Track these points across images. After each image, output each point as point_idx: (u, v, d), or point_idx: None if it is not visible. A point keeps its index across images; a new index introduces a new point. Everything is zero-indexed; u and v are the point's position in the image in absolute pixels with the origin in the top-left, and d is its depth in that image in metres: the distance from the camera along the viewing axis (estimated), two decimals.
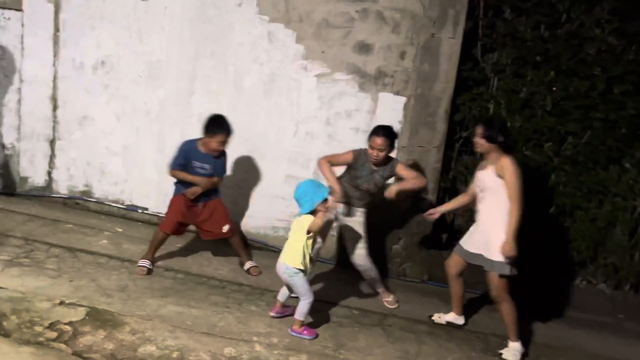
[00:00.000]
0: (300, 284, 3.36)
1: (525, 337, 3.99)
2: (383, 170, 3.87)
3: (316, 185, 3.41)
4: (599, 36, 4.55)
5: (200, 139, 3.92)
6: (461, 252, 3.71)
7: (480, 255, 3.56)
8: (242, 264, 4.20)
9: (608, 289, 4.85)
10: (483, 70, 4.80)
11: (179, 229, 4.00)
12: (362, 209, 3.96)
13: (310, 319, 3.50)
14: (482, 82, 4.80)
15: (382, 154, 3.76)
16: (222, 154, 4.00)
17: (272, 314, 3.54)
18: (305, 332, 3.38)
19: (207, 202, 4.00)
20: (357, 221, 3.95)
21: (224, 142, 3.88)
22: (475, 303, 4.31)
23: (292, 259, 3.35)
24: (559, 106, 4.62)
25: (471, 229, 3.74)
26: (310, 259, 3.41)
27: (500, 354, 3.59)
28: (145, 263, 3.88)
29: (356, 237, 3.95)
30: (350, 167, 3.90)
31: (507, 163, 3.44)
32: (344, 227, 4.00)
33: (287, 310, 3.53)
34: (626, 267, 4.77)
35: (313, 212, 3.33)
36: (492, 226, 3.50)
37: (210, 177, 3.94)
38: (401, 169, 3.89)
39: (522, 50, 4.62)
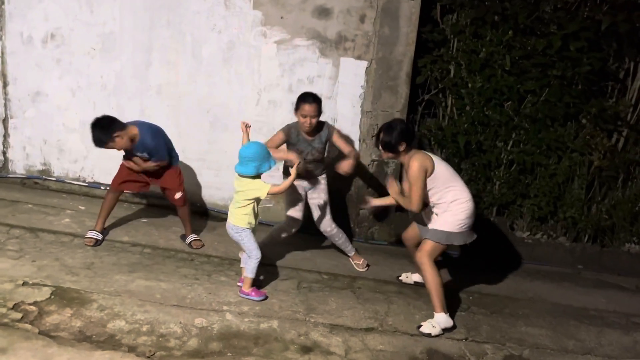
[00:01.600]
0: (247, 241, 3.40)
1: (489, 291, 4.14)
2: (320, 137, 3.86)
3: (267, 153, 3.33)
4: None
5: None
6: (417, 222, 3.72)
7: (423, 228, 3.57)
8: (184, 237, 4.14)
9: (567, 241, 5.04)
10: (443, 31, 4.81)
11: (131, 186, 3.96)
12: (322, 175, 3.99)
13: (260, 278, 3.57)
14: (442, 43, 4.81)
15: (314, 121, 3.71)
16: (141, 138, 3.74)
17: (239, 284, 3.56)
18: (253, 293, 3.43)
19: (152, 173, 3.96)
20: (319, 188, 3.98)
21: (114, 147, 3.68)
22: (443, 262, 4.42)
23: (240, 220, 3.38)
24: (517, 65, 4.68)
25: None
26: (256, 216, 3.42)
27: (420, 325, 3.42)
28: (92, 234, 3.84)
29: (321, 204, 3.98)
30: (289, 144, 3.86)
31: (408, 161, 3.40)
32: (308, 195, 4.02)
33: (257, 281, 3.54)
34: (584, 220, 4.95)
35: (255, 177, 3.30)
36: (439, 209, 3.47)
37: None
38: (337, 139, 3.86)
39: (481, 10, 4.63)
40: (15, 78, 4.61)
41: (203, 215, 4.75)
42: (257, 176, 3.32)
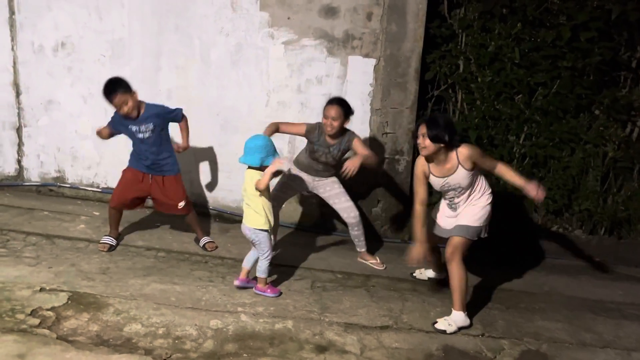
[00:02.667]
0: (264, 242, 3.40)
1: (504, 286, 4.11)
2: (339, 144, 3.87)
3: (273, 147, 3.34)
4: None
5: None
6: (436, 229, 3.65)
7: (448, 230, 3.51)
8: (197, 240, 4.13)
9: (583, 234, 4.98)
10: (451, 26, 4.78)
11: (130, 203, 3.88)
12: (329, 179, 4.04)
13: (273, 277, 3.58)
14: (450, 38, 4.79)
15: (335, 124, 3.73)
16: (147, 110, 3.74)
17: (236, 282, 3.53)
18: (268, 290, 3.45)
19: (155, 177, 3.85)
20: (330, 181, 4.01)
21: (119, 105, 3.62)
22: None
23: (256, 221, 3.38)
24: (527, 58, 4.64)
25: (445, 210, 3.58)
26: (270, 214, 3.41)
27: (436, 321, 3.38)
28: (107, 239, 3.86)
29: (336, 192, 4.01)
30: (308, 141, 3.90)
31: (469, 152, 3.30)
32: (320, 192, 4.03)
33: (253, 282, 3.52)
34: (600, 212, 4.89)
35: (259, 168, 3.31)
36: (474, 204, 3.44)
37: (151, 140, 3.76)
38: (357, 144, 3.86)
39: (488, 3, 4.60)
40: (28, 87, 4.68)
41: (216, 218, 4.77)
42: (261, 169, 3.31)
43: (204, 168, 4.75)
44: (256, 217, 3.39)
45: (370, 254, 4.23)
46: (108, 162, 4.77)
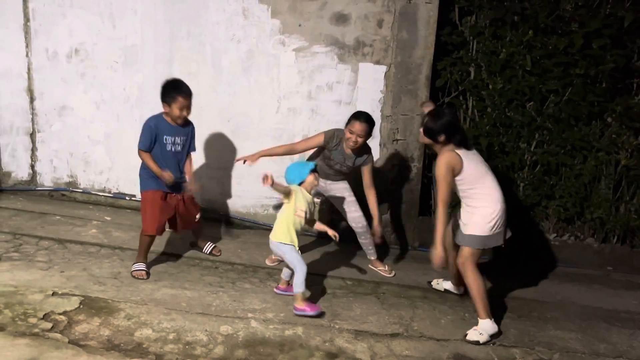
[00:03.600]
0: (290, 256, 3.38)
1: (516, 295, 4.08)
2: (357, 160, 3.89)
3: (303, 163, 3.53)
4: None
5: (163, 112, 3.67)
6: (453, 223, 3.63)
7: (458, 232, 3.50)
8: (198, 246, 4.07)
9: (596, 242, 4.93)
10: (462, 33, 4.78)
11: (163, 226, 3.70)
12: (340, 183, 4.04)
13: (308, 293, 3.51)
14: (461, 45, 4.78)
15: (360, 140, 3.74)
16: (188, 124, 3.72)
17: (275, 291, 3.60)
18: (307, 308, 3.36)
19: (181, 194, 3.72)
20: (342, 187, 4.01)
21: (184, 107, 3.57)
22: None
23: (279, 235, 3.40)
24: (538, 65, 4.62)
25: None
26: (296, 231, 3.41)
27: (466, 334, 3.35)
28: (142, 266, 3.66)
29: (347, 201, 4.00)
30: (323, 148, 3.90)
31: (437, 160, 3.33)
32: (332, 196, 4.04)
33: (291, 289, 3.50)
34: (612, 221, 4.84)
35: (302, 184, 3.43)
36: (471, 211, 3.40)
37: (180, 154, 3.71)
38: (367, 171, 3.91)
39: (500, 11, 4.59)
40: (42, 93, 4.73)
41: (226, 224, 4.78)
42: (302, 183, 3.43)
43: (214, 174, 4.77)
44: (277, 230, 3.41)
45: (380, 261, 4.22)
46: (120, 168, 4.81)
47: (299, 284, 3.36)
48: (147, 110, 4.67)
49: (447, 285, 3.98)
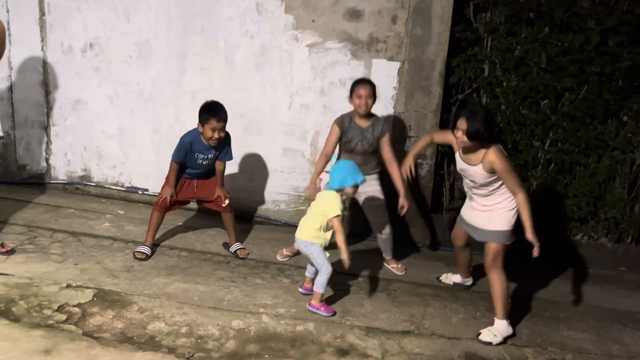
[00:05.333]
0: (317, 255, 3.35)
1: (528, 294, 4.05)
2: (372, 128, 3.85)
3: (354, 168, 3.39)
4: None
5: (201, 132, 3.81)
6: (462, 223, 3.63)
7: (477, 229, 3.45)
8: (227, 245, 4.10)
9: (609, 242, 4.89)
10: (476, 30, 4.74)
11: (173, 206, 3.93)
12: (374, 175, 3.94)
13: (330, 292, 3.49)
14: (475, 42, 4.75)
15: (370, 102, 3.76)
16: (225, 142, 3.85)
17: (300, 290, 3.56)
18: (322, 308, 3.36)
19: (203, 181, 3.97)
20: (373, 190, 3.94)
21: (216, 129, 3.68)
22: (479, 264, 4.34)
23: (308, 234, 3.36)
24: (554, 62, 4.57)
25: (466, 206, 3.59)
26: (327, 232, 3.38)
27: (479, 333, 3.33)
28: (144, 249, 3.80)
29: (376, 204, 3.94)
30: (342, 134, 3.87)
31: (493, 159, 3.18)
32: (362, 197, 3.97)
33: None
34: (626, 220, 4.79)
35: (340, 191, 3.35)
36: (491, 208, 3.36)
37: (211, 165, 3.90)
38: (386, 143, 3.88)
39: (515, 7, 4.55)
40: (57, 87, 4.77)
41: (238, 219, 4.78)
42: (340, 190, 3.34)
43: (226, 169, 4.77)
44: (307, 230, 3.37)
45: (395, 259, 4.18)
46: (133, 162, 4.83)
47: (321, 285, 3.35)
48: (159, 105, 4.73)
49: (456, 278, 3.98)
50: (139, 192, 4.88)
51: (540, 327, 3.60)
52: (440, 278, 4.05)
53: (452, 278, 4.01)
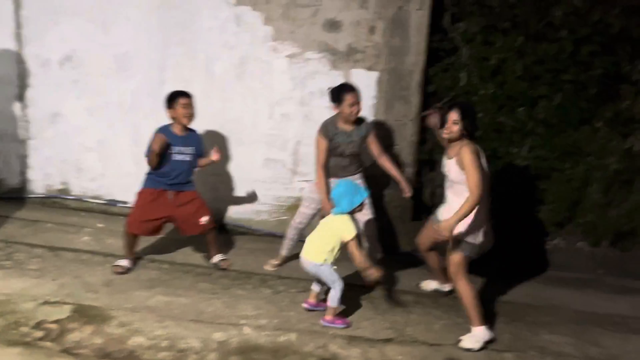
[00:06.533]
0: (328, 273, 3.35)
1: (508, 299, 4.09)
2: (357, 130, 3.89)
3: (355, 186, 3.42)
4: None
5: (171, 124, 3.78)
6: (435, 222, 3.64)
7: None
8: (209, 258, 4.03)
9: (587, 246, 4.96)
10: (453, 40, 4.81)
11: (150, 226, 3.72)
12: (357, 175, 3.97)
13: (342, 308, 3.47)
14: (452, 52, 4.81)
15: (361, 107, 3.79)
16: (195, 134, 3.86)
17: (304, 305, 3.52)
18: (337, 322, 3.36)
19: (178, 193, 3.79)
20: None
21: (187, 105, 3.70)
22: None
23: (316, 256, 3.36)
24: (529, 71, 4.66)
25: (441, 208, 3.64)
26: (335, 253, 3.39)
27: (460, 340, 3.34)
28: (123, 262, 3.74)
29: (367, 219, 3.94)
30: (328, 141, 3.86)
31: (466, 154, 3.24)
32: None
33: (322, 305, 3.47)
34: (603, 225, 4.88)
35: (350, 213, 3.36)
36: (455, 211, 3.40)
37: (190, 164, 3.82)
38: (373, 141, 3.93)
39: (491, 17, 4.63)
40: (34, 100, 4.72)
41: (219, 230, 4.77)
42: (352, 212, 3.37)
43: (207, 180, 4.77)
44: (317, 252, 3.35)
45: (377, 267, 4.17)
46: (112, 174, 4.80)
47: (335, 299, 3.36)
48: (140, 117, 4.70)
49: (434, 285, 4.01)
50: (119, 204, 4.83)
51: (521, 331, 3.64)
52: (420, 285, 4.08)
53: (431, 285, 4.04)
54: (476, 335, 3.35)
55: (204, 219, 3.85)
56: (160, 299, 3.43)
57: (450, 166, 3.41)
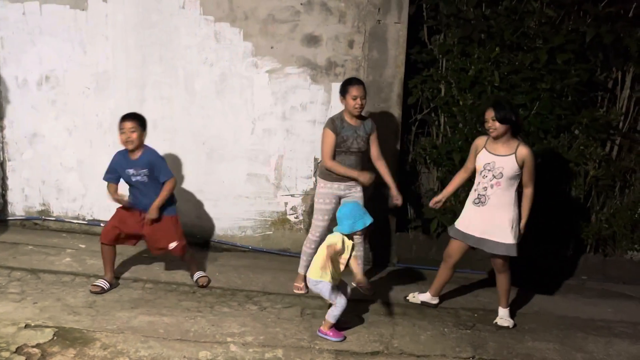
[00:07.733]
0: (325, 292, 3.35)
1: (492, 307, 4.10)
2: (363, 125, 3.93)
3: (362, 211, 3.41)
4: (538, 9, 4.68)
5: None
6: (464, 237, 3.72)
7: (486, 240, 3.62)
8: (191, 276, 4.02)
9: (569, 252, 5.01)
10: (431, 52, 4.88)
11: (119, 234, 3.73)
12: (359, 189, 3.97)
13: (340, 321, 3.45)
14: (431, 63, 4.88)
15: (364, 102, 3.83)
16: (150, 158, 3.72)
17: (319, 333, 3.44)
18: (330, 333, 3.37)
19: (145, 212, 3.74)
20: (356, 197, 3.95)
21: (125, 130, 3.64)
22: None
23: (314, 272, 3.37)
24: (506, 80, 4.74)
25: (470, 212, 3.71)
26: (334, 269, 3.36)
27: (495, 322, 3.79)
28: (100, 282, 3.70)
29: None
30: (336, 136, 3.85)
31: (527, 152, 3.54)
32: (345, 200, 3.94)
33: (336, 335, 3.42)
34: (584, 230, 4.94)
35: (350, 235, 3.37)
36: (502, 210, 3.59)
37: (152, 184, 3.75)
38: (374, 142, 3.98)
39: (467, 29, 4.71)
40: (12, 121, 4.68)
41: (203, 247, 4.74)
42: (351, 235, 3.37)
43: (190, 197, 4.75)
44: (314, 268, 3.37)
45: (365, 277, 4.16)
46: (94, 194, 4.75)
47: (333, 316, 3.37)
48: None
49: (423, 297, 4.02)
50: (101, 224, 4.77)
51: (506, 339, 3.65)
52: (407, 298, 4.08)
53: (420, 297, 4.04)
54: (507, 314, 3.84)
55: (172, 245, 3.80)
56: (144, 319, 3.38)
57: (505, 162, 3.57)
